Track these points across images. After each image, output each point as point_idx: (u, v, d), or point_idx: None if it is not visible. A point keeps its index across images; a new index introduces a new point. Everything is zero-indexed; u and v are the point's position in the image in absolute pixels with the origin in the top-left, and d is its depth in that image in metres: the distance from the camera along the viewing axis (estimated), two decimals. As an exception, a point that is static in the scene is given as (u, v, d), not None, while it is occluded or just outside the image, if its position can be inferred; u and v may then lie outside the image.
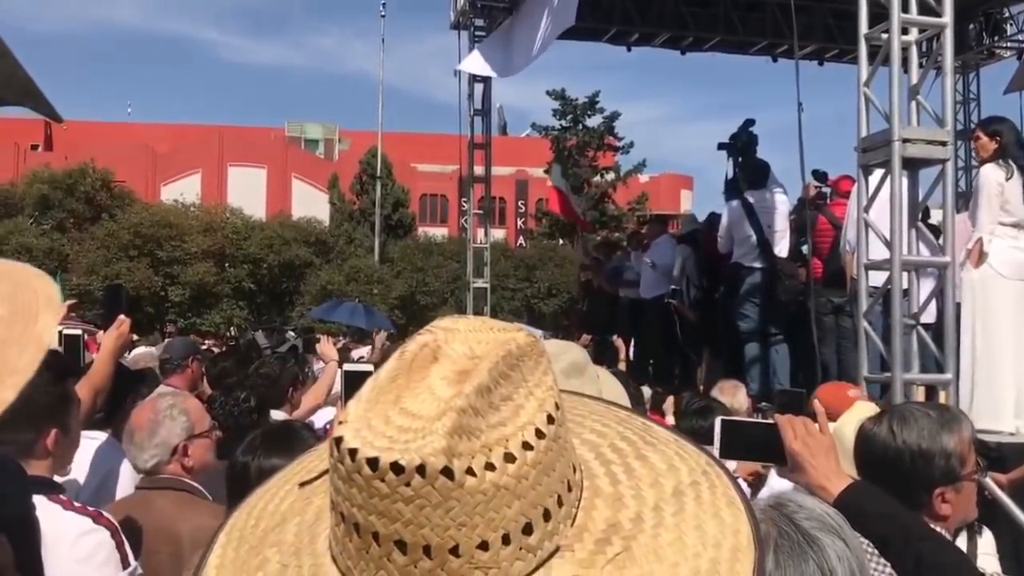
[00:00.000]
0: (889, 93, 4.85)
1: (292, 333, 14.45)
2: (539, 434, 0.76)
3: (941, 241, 5.20)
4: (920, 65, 5.12)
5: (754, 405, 6.07)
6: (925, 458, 1.98)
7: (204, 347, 10.67)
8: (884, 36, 4.91)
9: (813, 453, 1.80)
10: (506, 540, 0.74)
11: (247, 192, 44.81)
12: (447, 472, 0.71)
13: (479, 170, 13.14)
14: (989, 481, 3.91)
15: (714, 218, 8.90)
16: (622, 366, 7.45)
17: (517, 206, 51.79)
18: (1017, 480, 4.06)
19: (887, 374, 4.85)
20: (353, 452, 0.73)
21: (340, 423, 0.77)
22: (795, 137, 6.39)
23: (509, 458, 0.74)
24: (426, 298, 33.36)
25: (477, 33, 12.67)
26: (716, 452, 1.90)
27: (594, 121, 38.97)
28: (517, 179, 50.41)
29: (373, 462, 0.72)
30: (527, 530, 0.75)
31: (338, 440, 0.75)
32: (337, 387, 4.36)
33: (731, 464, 2.98)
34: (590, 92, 39.66)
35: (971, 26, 12.96)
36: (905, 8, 4.91)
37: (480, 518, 0.73)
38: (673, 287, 8.94)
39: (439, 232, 42.69)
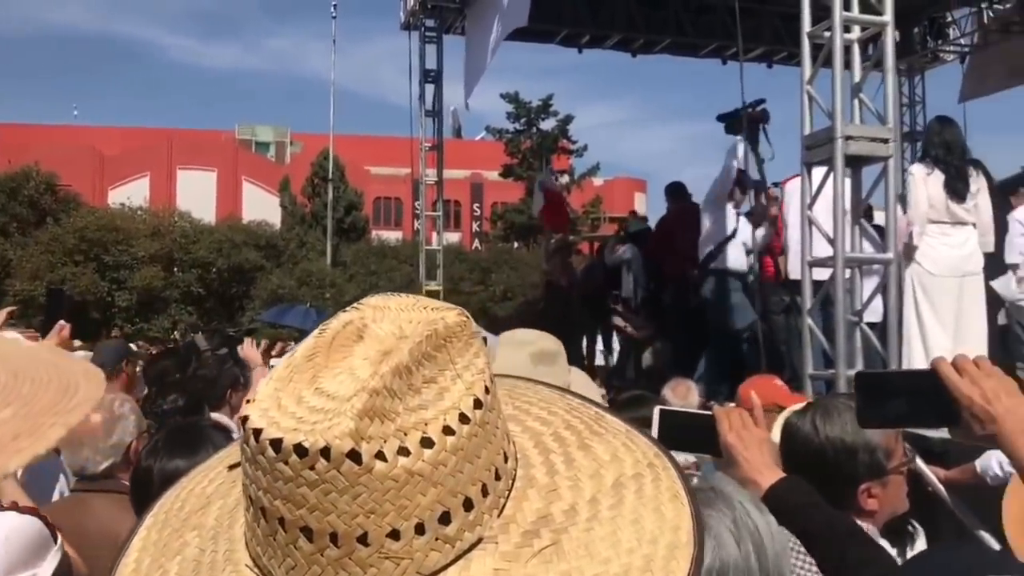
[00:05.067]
0: (832, 91, 4.90)
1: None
2: (463, 419, 0.72)
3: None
4: (863, 64, 5.18)
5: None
6: (849, 452, 1.94)
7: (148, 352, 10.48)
8: (827, 34, 4.96)
9: (746, 446, 1.77)
10: (420, 529, 0.70)
11: (197, 195, 44.18)
12: (354, 456, 0.67)
13: (432, 172, 13.13)
14: (929, 473, 3.96)
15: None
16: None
17: (472, 209, 51.71)
18: (954, 479, 4.09)
19: (832, 371, 4.89)
20: (257, 432, 0.69)
21: (248, 402, 0.73)
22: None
23: (426, 443, 0.70)
24: (379, 301, 33.11)
25: (428, 34, 12.70)
26: None
27: (548, 124, 39.12)
28: (472, 182, 50.37)
29: (276, 443, 0.68)
30: (444, 519, 0.71)
31: (244, 420, 0.71)
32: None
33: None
34: (544, 95, 39.85)
35: (916, 30, 13.23)
36: (847, 6, 4.97)
37: (391, 505, 0.69)
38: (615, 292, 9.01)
39: (393, 235, 42.44)
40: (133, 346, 8.50)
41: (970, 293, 5.65)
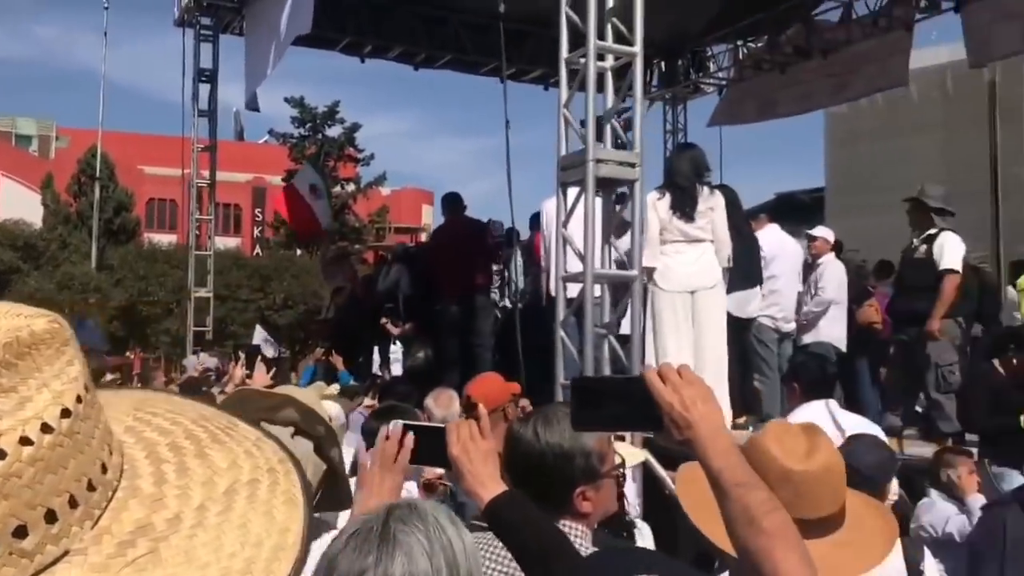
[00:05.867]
0: (585, 115, 5.15)
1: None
2: (46, 428, 0.71)
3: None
4: (615, 91, 5.47)
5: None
6: (566, 457, 2.03)
7: None
8: (583, 61, 5.21)
9: (471, 458, 1.78)
10: None
11: (-55, 190, 40.34)
12: (-84, 469, 0.65)
13: (206, 174, 12.71)
14: (666, 476, 4.22)
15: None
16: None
17: (254, 214, 50.19)
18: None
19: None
20: None
21: None
22: (540, 158, 6.57)
23: (-2, 454, 0.68)
24: (149, 308, 31.47)
25: (203, 32, 12.30)
26: None
27: (335, 131, 38.60)
28: (254, 186, 48.84)
29: None
30: (20, 533, 0.69)
31: None
32: None
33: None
34: (331, 101, 39.28)
35: (680, 62, 14.12)
36: (601, 36, 5.23)
37: None
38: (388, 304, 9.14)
39: (168, 239, 40.41)
40: None
41: (705, 306, 6.08)
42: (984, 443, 5.98)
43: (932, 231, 6.79)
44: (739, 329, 6.84)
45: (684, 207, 5.89)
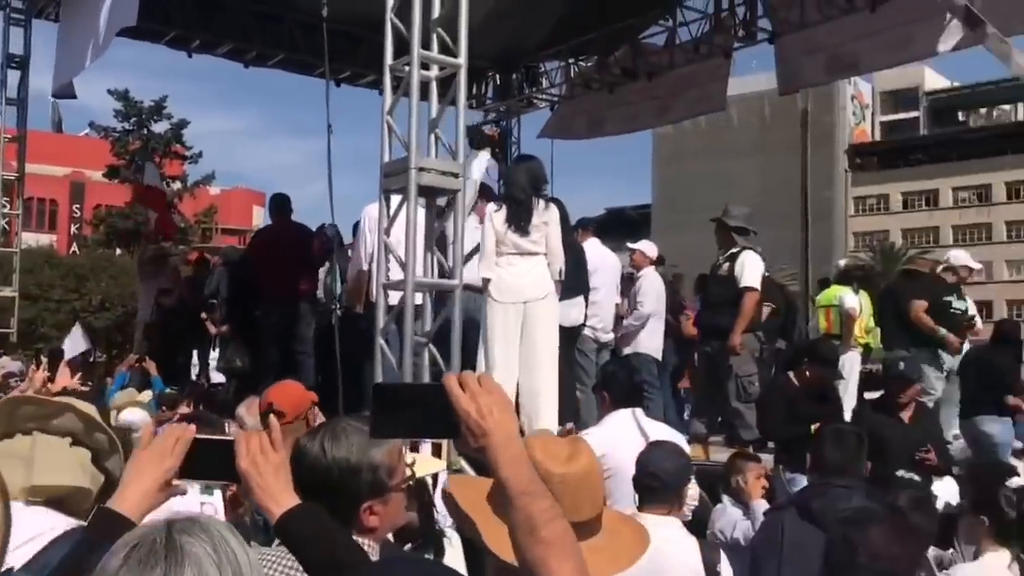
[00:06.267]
0: (408, 124, 5.16)
1: None
2: None
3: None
4: (440, 101, 5.51)
5: None
6: (353, 472, 2.01)
7: None
8: (407, 69, 5.23)
9: (261, 472, 1.72)
10: None
11: None
12: None
13: (16, 166, 12.02)
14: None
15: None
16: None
17: (72, 210, 47.55)
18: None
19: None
20: None
21: None
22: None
23: None
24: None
25: (14, 15, 11.62)
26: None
27: (161, 127, 37.08)
28: (72, 180, 46.30)
29: None
30: None
31: None
32: None
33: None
34: (158, 96, 37.69)
35: (514, 76, 14.36)
36: (426, 46, 5.27)
37: None
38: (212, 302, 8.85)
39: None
40: None
41: (537, 317, 6.19)
42: (779, 450, 6.37)
43: (735, 250, 7.21)
44: (565, 339, 7.01)
45: (519, 220, 6.01)
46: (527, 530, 1.42)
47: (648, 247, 8.78)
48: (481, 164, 7.56)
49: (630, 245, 8.88)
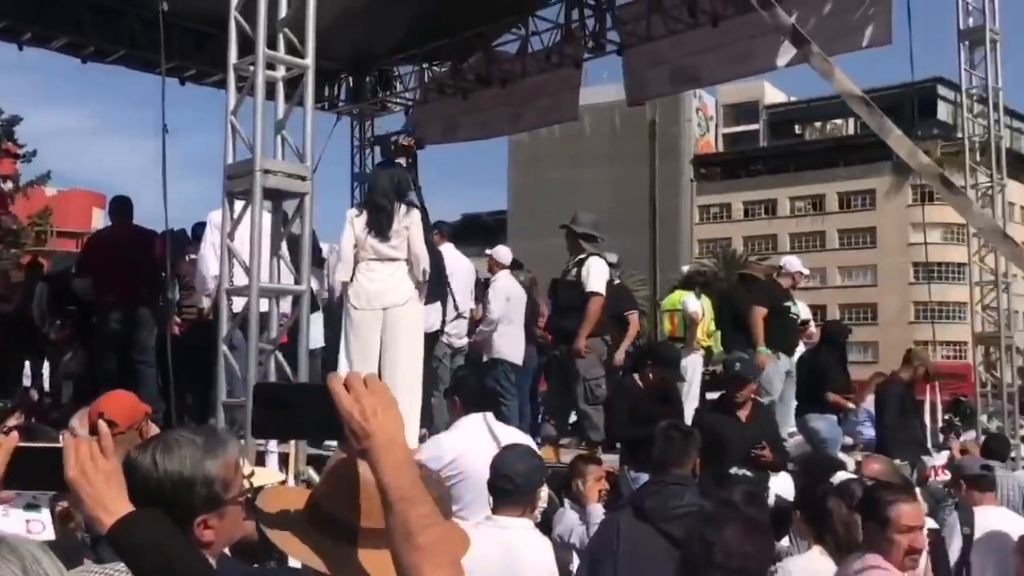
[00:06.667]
0: (253, 125, 5.04)
1: None
2: None
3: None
4: (287, 102, 5.40)
5: None
6: (187, 486, 1.94)
7: None
8: (252, 68, 5.10)
9: (91, 480, 1.65)
10: None
11: None
12: None
13: None
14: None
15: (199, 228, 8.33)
16: None
17: None
18: None
19: (244, 398, 4.96)
20: None
21: None
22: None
23: None
24: None
25: None
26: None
27: (-9, 123, 34.80)
28: None
29: None
30: None
31: None
32: None
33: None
34: (-13, 90, 35.43)
35: (368, 79, 14.23)
36: (272, 45, 5.15)
37: None
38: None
39: None
40: None
41: (397, 323, 6.15)
42: (624, 450, 6.55)
43: (582, 256, 7.38)
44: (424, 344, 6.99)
45: (379, 226, 5.97)
46: (403, 535, 1.40)
47: (502, 252, 8.86)
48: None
49: (488, 251, 8.95)
